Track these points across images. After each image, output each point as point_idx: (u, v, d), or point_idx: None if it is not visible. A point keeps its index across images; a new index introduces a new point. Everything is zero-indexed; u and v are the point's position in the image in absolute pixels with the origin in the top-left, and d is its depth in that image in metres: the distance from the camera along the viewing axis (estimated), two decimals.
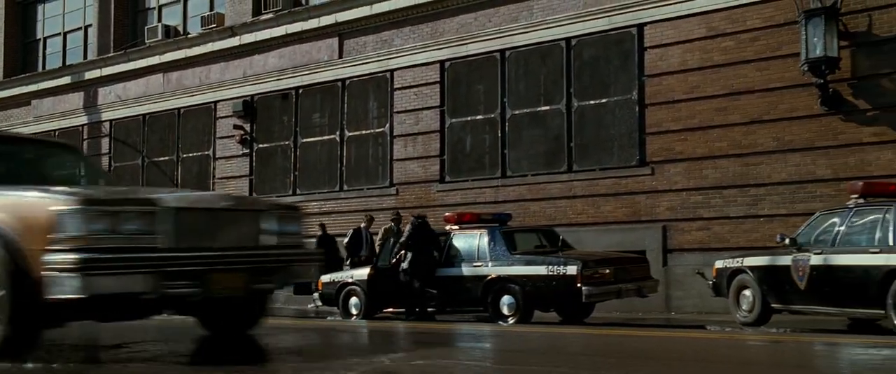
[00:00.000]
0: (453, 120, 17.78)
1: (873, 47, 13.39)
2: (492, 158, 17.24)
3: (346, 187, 19.23)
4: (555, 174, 16.36)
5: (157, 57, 22.56)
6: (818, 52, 13.23)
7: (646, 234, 15.21)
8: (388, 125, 18.64)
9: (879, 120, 13.31)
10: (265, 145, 20.68)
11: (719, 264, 12.14)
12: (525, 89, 16.91)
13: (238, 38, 21.02)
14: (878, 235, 9.41)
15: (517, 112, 16.98)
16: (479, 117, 17.46)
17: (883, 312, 9.18)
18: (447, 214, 13.97)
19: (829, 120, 13.72)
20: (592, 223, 15.81)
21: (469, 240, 12.80)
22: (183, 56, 22.05)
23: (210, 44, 21.54)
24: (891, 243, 9.22)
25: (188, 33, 22.30)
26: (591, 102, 16.12)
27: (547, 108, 16.62)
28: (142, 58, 22.87)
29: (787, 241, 10.71)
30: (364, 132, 19.06)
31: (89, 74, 24.06)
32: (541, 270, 11.86)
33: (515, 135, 16.97)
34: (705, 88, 14.87)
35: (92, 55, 24.30)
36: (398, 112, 18.47)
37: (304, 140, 20.06)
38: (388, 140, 18.61)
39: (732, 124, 14.57)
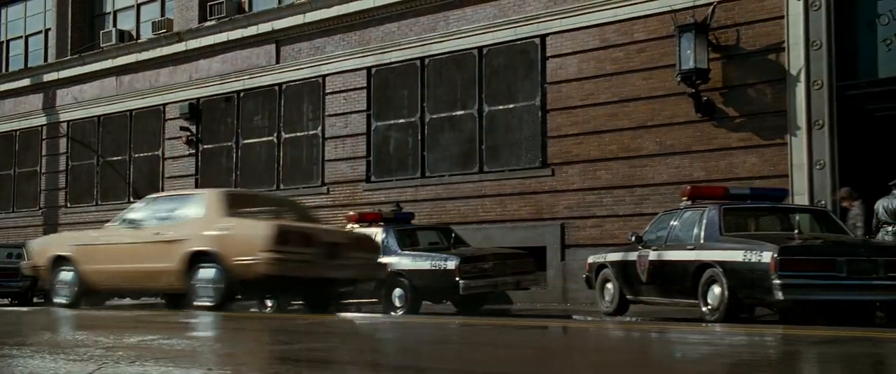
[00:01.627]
0: (378, 123, 19.22)
1: (741, 59, 14.82)
2: (413, 159, 18.68)
3: (282, 187, 20.66)
4: (467, 175, 17.80)
5: (110, 61, 23.99)
6: (690, 64, 14.65)
7: (546, 231, 16.66)
8: (320, 128, 20.07)
9: (746, 126, 14.75)
10: (210, 146, 22.12)
11: (590, 259, 13.58)
12: (442, 95, 18.34)
13: (184, 43, 22.44)
14: (694, 232, 10.86)
15: (435, 116, 18.42)
16: (401, 121, 18.90)
17: (697, 301, 10.62)
18: (350, 213, 15.44)
19: (703, 126, 15.15)
20: (500, 221, 17.26)
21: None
22: (134, 60, 23.48)
23: (159, 49, 22.97)
24: (702, 240, 10.66)
25: (140, 38, 23.71)
26: (500, 107, 17.55)
27: (461, 112, 18.05)
28: (96, 61, 24.30)
29: (634, 238, 12.15)
30: (299, 134, 20.50)
31: (47, 77, 25.49)
32: (425, 265, 13.31)
33: (433, 138, 18.41)
34: (599, 95, 16.30)
35: (51, 58, 25.71)
36: (329, 115, 19.91)
37: (246, 141, 21.50)
38: (321, 142, 20.05)
39: (622, 129, 16.01)
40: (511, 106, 17.43)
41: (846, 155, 13.87)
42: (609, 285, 12.92)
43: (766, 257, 9.42)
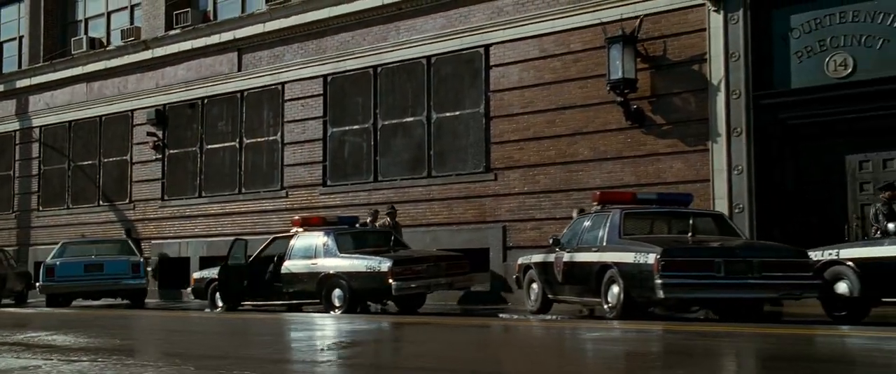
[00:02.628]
0: (334, 129, 20.14)
1: (667, 70, 15.74)
2: (366, 164, 19.60)
3: (244, 190, 21.59)
4: (417, 179, 18.72)
5: (80, 68, 24.91)
6: (619, 74, 15.57)
7: (490, 233, 17.58)
8: (279, 133, 20.99)
9: (672, 133, 15.67)
10: (175, 151, 23.03)
11: (520, 260, 14.52)
12: (393, 102, 19.26)
13: (151, 51, 23.36)
14: (599, 235, 11.78)
15: (387, 123, 19.34)
16: (355, 127, 19.82)
17: (599, 300, 11.55)
18: (295, 218, 16.36)
19: (633, 133, 16.07)
20: (447, 224, 18.18)
21: (311, 240, 15.14)
22: (103, 67, 24.40)
23: (127, 56, 23.88)
24: (604, 243, 11.59)
25: (110, 45, 24.62)
26: (447, 114, 18.47)
27: (411, 119, 18.97)
28: (67, 68, 25.21)
29: (552, 241, 13.07)
30: (259, 140, 21.41)
31: (20, 83, 26.40)
32: (361, 267, 14.22)
33: (385, 143, 19.33)
34: (538, 103, 17.22)
35: (25, 65, 26.61)
36: (288, 122, 20.83)
37: (209, 146, 22.41)
38: (280, 147, 20.97)
39: (559, 136, 16.93)
40: (457, 113, 18.35)
41: (762, 160, 14.79)
42: (534, 286, 13.87)
43: (651, 258, 10.35)
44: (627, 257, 10.84)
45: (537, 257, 13.67)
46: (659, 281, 10.17)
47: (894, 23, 13.91)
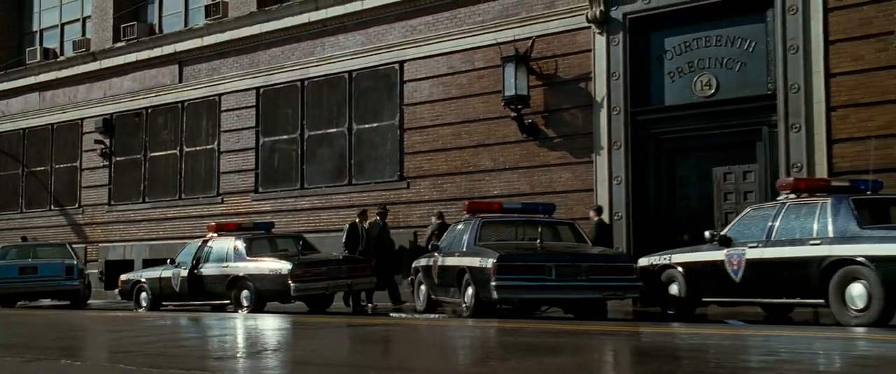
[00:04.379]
0: (266, 139, 21.73)
1: (558, 87, 17.33)
2: (294, 172, 21.19)
3: (183, 196, 23.17)
4: (339, 187, 20.32)
5: (33, 77, 26.53)
6: (513, 90, 17.15)
7: (404, 238, 19.14)
8: (216, 142, 22.59)
9: (562, 146, 17.26)
10: (122, 158, 24.63)
11: (413, 264, 16.05)
12: (319, 114, 20.86)
13: (99, 62, 24.97)
14: (463, 240, 13.37)
15: (313, 133, 20.93)
16: (285, 137, 21.41)
17: (461, 300, 13.13)
18: (210, 223, 17.95)
19: (528, 145, 17.66)
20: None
21: (223, 245, 16.72)
22: (54, 77, 26.01)
23: (77, 67, 25.49)
24: (464, 248, 13.17)
25: (63, 56, 26.23)
26: (366, 126, 20.06)
27: (334, 130, 20.56)
28: (21, 78, 26.83)
29: (431, 246, 14.64)
30: (198, 148, 23.01)
31: None
32: (265, 270, 15.80)
33: (311, 153, 20.92)
34: (446, 116, 18.81)
35: None
36: (224, 131, 22.43)
37: (153, 154, 24.01)
38: (217, 155, 22.56)
39: (464, 147, 18.51)
40: (375, 125, 19.93)
41: (638, 172, 16.38)
42: (422, 288, 15.43)
43: (490, 262, 11.93)
44: (476, 262, 12.43)
45: (423, 261, 15.23)
46: (494, 283, 11.76)
47: (751, 47, 15.50)
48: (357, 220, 18.05)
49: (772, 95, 15.07)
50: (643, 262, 13.13)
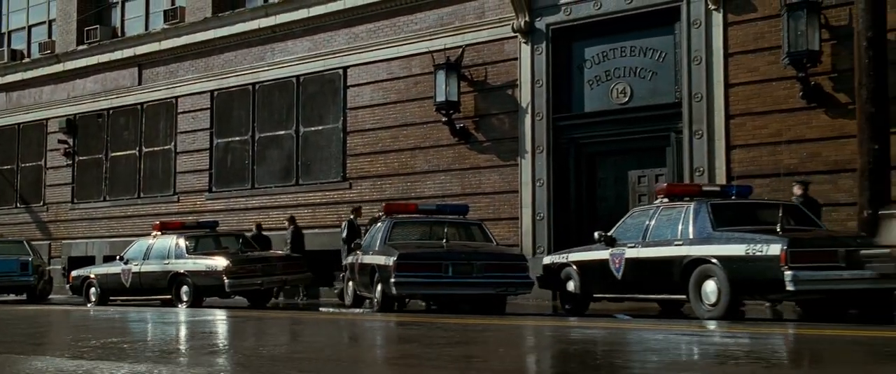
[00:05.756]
0: (219, 140, 22.90)
1: (487, 93, 18.48)
2: (246, 172, 22.36)
3: (142, 195, 24.35)
4: (287, 186, 21.49)
5: (0, 78, 27.66)
6: (443, 96, 18.30)
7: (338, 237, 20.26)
8: (173, 143, 23.76)
9: (491, 150, 18.42)
10: (84, 158, 25.81)
11: (344, 262, 17.20)
12: (269, 116, 22.02)
13: (63, 64, 26.14)
14: (376, 240, 14.51)
15: (263, 135, 22.10)
16: (237, 138, 22.58)
17: (375, 297, 14.29)
18: (155, 222, 19.12)
19: (460, 149, 18.82)
20: (312, 227, 20.91)
21: (166, 243, 17.89)
22: (20, 78, 27.19)
23: (42, 68, 26.67)
24: (376, 247, 14.32)
25: (30, 57, 27.39)
26: (313, 128, 21.22)
27: (283, 132, 21.73)
28: None
29: (354, 244, 15.80)
30: (156, 149, 24.18)
31: None
32: (202, 267, 16.96)
33: (262, 154, 22.09)
34: (386, 120, 19.97)
35: None
36: (180, 132, 23.61)
37: (114, 154, 25.19)
38: (173, 156, 23.74)
39: (401, 150, 19.67)
40: (321, 128, 21.09)
41: (559, 175, 17.52)
42: (350, 284, 16.59)
43: (391, 261, 13.09)
44: (382, 260, 13.58)
45: (350, 259, 16.39)
46: (393, 280, 12.91)
47: (661, 58, 16.65)
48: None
49: (678, 103, 16.21)
50: (546, 260, 14.31)
